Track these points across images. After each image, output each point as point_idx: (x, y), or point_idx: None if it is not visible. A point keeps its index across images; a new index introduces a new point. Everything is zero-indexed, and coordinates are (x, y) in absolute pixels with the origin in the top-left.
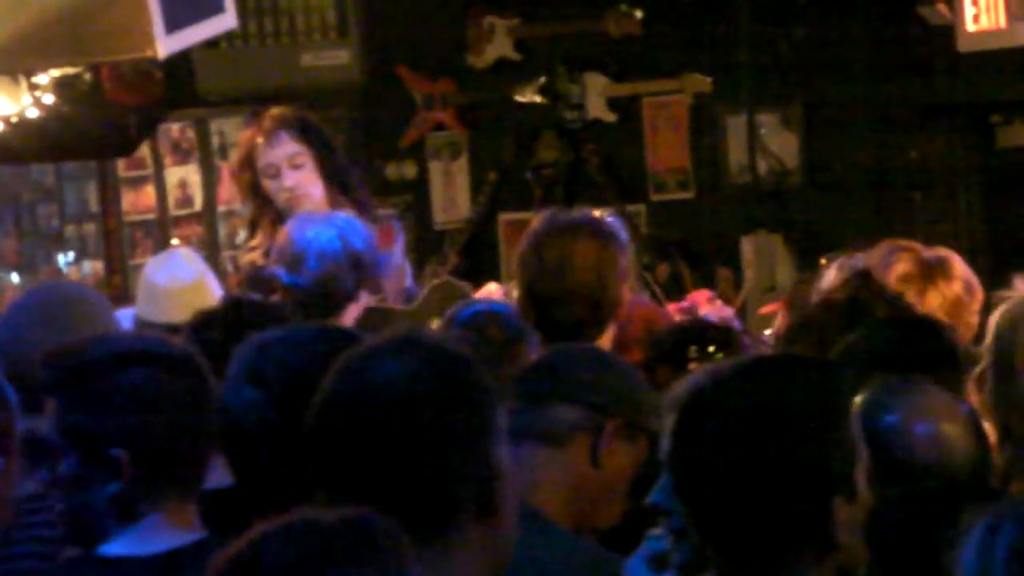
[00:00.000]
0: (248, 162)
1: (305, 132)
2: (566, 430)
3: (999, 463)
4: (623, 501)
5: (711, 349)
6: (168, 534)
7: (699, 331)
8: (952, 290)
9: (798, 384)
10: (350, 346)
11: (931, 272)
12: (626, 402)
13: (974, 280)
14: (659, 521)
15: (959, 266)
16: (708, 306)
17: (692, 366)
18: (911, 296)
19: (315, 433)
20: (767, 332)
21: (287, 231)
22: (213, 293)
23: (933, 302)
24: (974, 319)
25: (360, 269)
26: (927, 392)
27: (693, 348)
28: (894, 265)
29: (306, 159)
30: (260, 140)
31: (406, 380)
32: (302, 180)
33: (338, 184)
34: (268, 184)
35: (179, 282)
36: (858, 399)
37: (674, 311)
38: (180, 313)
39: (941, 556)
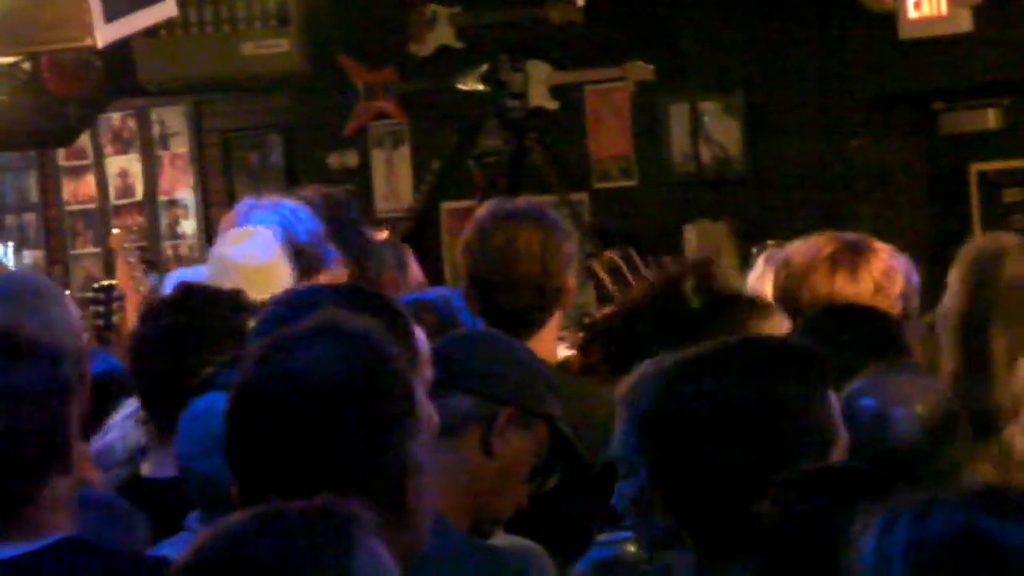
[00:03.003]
0: None
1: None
2: (458, 420)
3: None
4: (522, 488)
5: None
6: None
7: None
8: (881, 261)
9: (775, 370)
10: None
11: (859, 249)
12: (521, 389)
13: (896, 253)
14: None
15: (878, 242)
16: None
17: None
18: (843, 276)
19: (229, 418)
20: None
21: (232, 215)
22: (283, 278)
23: (865, 279)
24: (897, 289)
25: (301, 260)
26: (904, 376)
27: None
28: (821, 249)
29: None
30: None
31: (318, 367)
32: None
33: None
34: None
35: (253, 260)
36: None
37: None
38: (246, 291)
39: (835, 538)
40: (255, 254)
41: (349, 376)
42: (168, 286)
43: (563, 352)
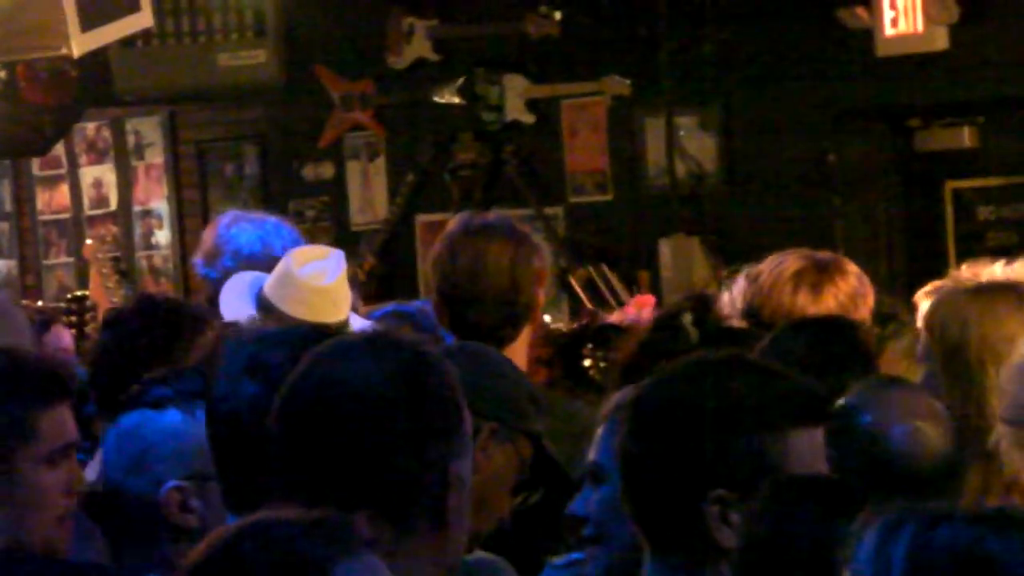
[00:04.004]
0: None
1: None
2: None
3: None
4: (504, 504)
5: (606, 349)
6: None
7: (597, 331)
8: (849, 283)
9: (738, 380)
10: None
11: (826, 269)
12: (503, 405)
13: (865, 277)
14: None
15: (851, 264)
16: (634, 310)
17: (586, 363)
18: (805, 294)
19: (277, 426)
20: None
21: (215, 223)
22: (344, 303)
23: (828, 299)
24: (864, 312)
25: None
26: (903, 391)
27: (588, 346)
28: (788, 266)
29: None
30: None
31: (370, 379)
32: None
33: None
34: None
35: (318, 281)
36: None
37: (620, 316)
38: (303, 310)
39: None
40: (322, 275)
41: (398, 389)
42: (228, 290)
43: None
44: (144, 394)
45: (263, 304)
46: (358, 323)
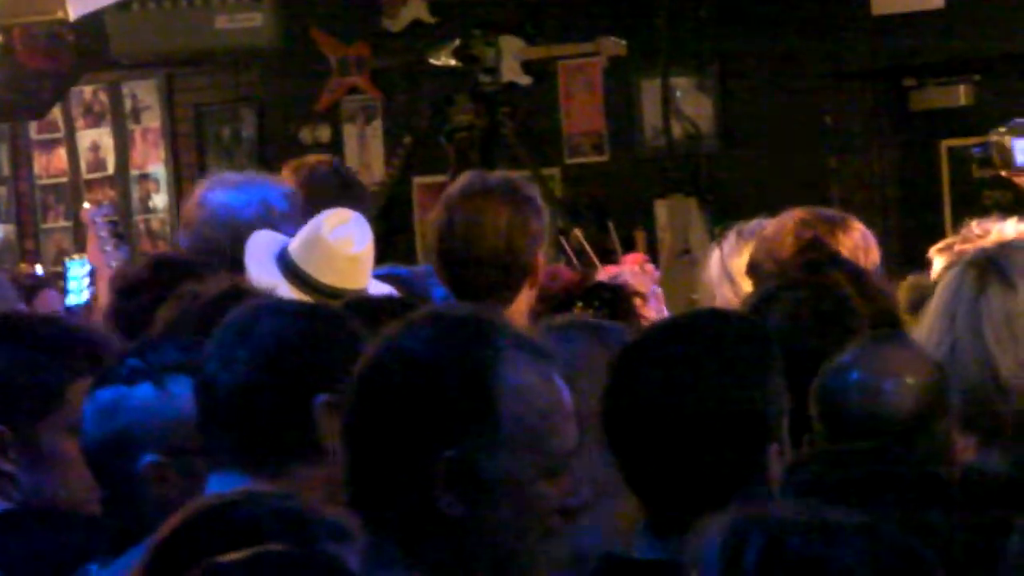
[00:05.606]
0: None
1: None
2: None
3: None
4: None
5: (596, 306)
6: None
7: (589, 289)
8: (851, 239)
9: (728, 334)
10: (337, 324)
11: (829, 224)
12: None
13: (870, 235)
14: None
15: (856, 222)
16: (632, 268)
17: None
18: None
19: (349, 396)
20: None
21: (201, 191)
22: (368, 273)
23: None
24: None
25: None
26: (894, 347)
27: (579, 304)
28: (791, 220)
29: None
30: None
31: (416, 353)
32: None
33: None
34: None
35: (348, 247)
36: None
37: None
38: (330, 275)
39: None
40: (351, 241)
41: (444, 371)
42: (250, 251)
43: None
44: (119, 367)
45: (287, 264)
46: (375, 288)
